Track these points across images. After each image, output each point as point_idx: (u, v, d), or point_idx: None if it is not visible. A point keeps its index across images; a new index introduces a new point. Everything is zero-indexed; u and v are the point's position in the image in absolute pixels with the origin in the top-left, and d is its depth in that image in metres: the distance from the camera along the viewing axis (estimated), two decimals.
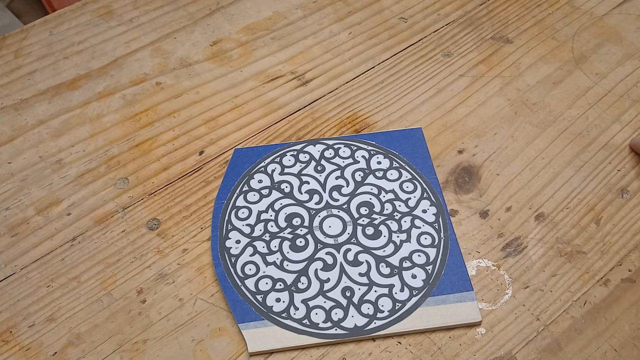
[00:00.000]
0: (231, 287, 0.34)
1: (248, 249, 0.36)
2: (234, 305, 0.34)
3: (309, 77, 0.46)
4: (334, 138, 0.41)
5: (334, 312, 0.34)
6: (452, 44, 0.48)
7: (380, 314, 0.33)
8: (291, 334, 0.33)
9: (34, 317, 0.34)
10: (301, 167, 0.40)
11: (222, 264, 0.35)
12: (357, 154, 0.40)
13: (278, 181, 0.39)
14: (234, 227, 0.37)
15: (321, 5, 0.51)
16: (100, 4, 0.51)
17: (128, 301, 0.34)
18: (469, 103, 0.44)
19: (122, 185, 0.40)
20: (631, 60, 0.46)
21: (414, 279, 0.34)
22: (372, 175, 0.39)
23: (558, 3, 0.50)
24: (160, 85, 0.45)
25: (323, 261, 0.35)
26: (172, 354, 0.33)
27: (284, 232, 0.37)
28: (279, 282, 0.35)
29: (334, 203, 0.38)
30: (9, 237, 0.37)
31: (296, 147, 0.41)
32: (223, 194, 0.38)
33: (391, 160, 0.40)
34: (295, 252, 0.36)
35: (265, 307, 0.34)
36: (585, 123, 0.42)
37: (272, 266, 0.35)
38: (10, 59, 0.47)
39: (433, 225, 0.37)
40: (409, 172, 0.39)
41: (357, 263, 0.35)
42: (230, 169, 0.40)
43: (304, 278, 0.35)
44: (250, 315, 0.33)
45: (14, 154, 0.41)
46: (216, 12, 0.51)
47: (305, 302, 0.34)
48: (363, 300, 0.34)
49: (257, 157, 0.40)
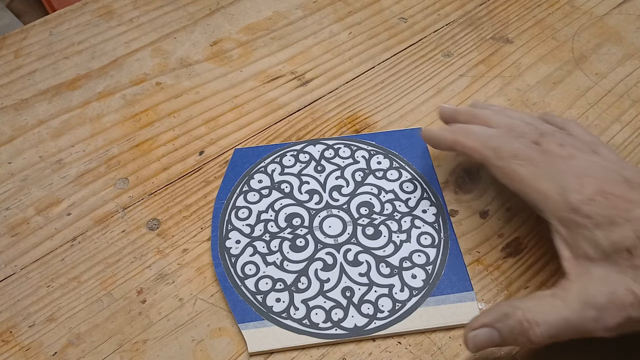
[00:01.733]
0: (231, 287, 0.34)
1: (248, 249, 0.36)
2: (234, 305, 0.34)
3: (309, 77, 0.46)
4: (334, 138, 0.41)
5: (334, 312, 0.33)
6: (452, 44, 0.48)
7: (380, 314, 0.33)
8: (291, 334, 0.33)
9: (34, 317, 0.34)
10: (301, 167, 0.40)
11: (222, 264, 0.35)
12: (357, 154, 0.40)
13: (278, 181, 0.39)
14: (234, 227, 0.37)
15: (321, 5, 0.51)
16: (100, 4, 0.51)
17: (128, 301, 0.35)
18: (469, 103, 0.44)
19: (122, 185, 0.40)
20: (631, 60, 0.46)
21: (414, 279, 0.34)
22: (372, 175, 0.39)
23: (558, 3, 0.50)
24: (160, 85, 0.45)
25: (323, 261, 0.35)
26: (172, 354, 0.33)
27: (284, 232, 0.37)
28: (279, 282, 0.35)
29: (334, 203, 0.38)
30: (9, 237, 0.37)
31: (296, 147, 0.41)
32: (223, 194, 0.38)
33: (391, 160, 0.40)
34: (295, 252, 0.36)
35: (266, 307, 0.34)
36: (585, 123, 0.42)
37: (272, 266, 0.35)
38: (10, 59, 0.47)
39: (433, 226, 0.37)
40: (409, 172, 0.39)
41: (357, 263, 0.35)
42: (230, 169, 0.40)
43: (304, 278, 0.35)
44: (250, 315, 0.33)
45: (14, 154, 0.41)
46: (216, 12, 0.51)
47: (305, 302, 0.34)
48: (363, 300, 0.34)
49: (257, 157, 0.40)
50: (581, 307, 0.28)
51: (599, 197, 0.29)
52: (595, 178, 0.30)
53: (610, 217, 0.29)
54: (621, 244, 0.28)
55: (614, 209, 0.29)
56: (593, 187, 0.30)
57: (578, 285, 0.29)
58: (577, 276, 0.30)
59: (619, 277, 0.28)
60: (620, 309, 0.28)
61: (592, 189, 0.30)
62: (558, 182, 0.30)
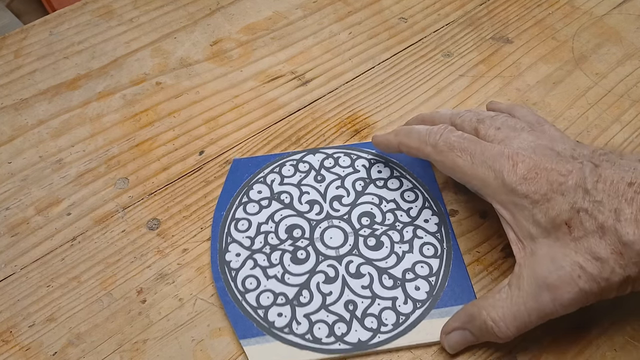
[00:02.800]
0: (232, 302, 0.33)
1: (248, 262, 0.35)
2: (235, 320, 0.33)
3: (309, 77, 0.46)
4: (333, 147, 0.41)
5: (337, 326, 0.33)
6: (452, 44, 0.48)
7: (384, 328, 0.33)
8: (294, 350, 0.32)
9: (34, 317, 0.34)
10: (301, 177, 0.39)
11: (222, 278, 0.34)
12: (357, 163, 0.40)
13: (278, 192, 0.38)
14: (233, 240, 0.36)
15: (321, 5, 0.51)
16: (100, 4, 0.51)
17: (128, 301, 0.35)
18: (469, 103, 0.44)
19: (122, 185, 0.40)
20: (631, 60, 0.46)
21: (417, 291, 0.34)
22: (372, 185, 0.38)
23: (558, 3, 0.50)
24: (160, 85, 0.45)
25: (325, 274, 0.35)
26: (172, 354, 0.33)
27: (285, 244, 0.36)
28: (280, 296, 0.34)
29: (334, 214, 0.37)
30: (9, 237, 0.37)
31: (295, 157, 0.40)
32: (222, 205, 0.38)
33: (392, 169, 0.39)
34: (297, 265, 0.35)
35: (267, 322, 0.33)
36: (585, 123, 0.42)
37: (273, 280, 0.34)
38: (10, 59, 0.47)
39: (435, 235, 0.36)
40: (409, 181, 0.39)
41: (359, 275, 0.35)
42: (229, 180, 0.39)
43: (306, 291, 0.34)
44: (252, 331, 0.33)
45: (14, 154, 0.41)
46: (216, 12, 0.51)
47: (308, 316, 0.33)
48: (366, 313, 0.33)
49: (256, 167, 0.39)
50: (535, 292, 0.29)
51: (532, 174, 0.29)
52: (528, 156, 0.30)
53: (545, 193, 0.29)
54: (559, 218, 0.28)
55: (548, 184, 0.29)
56: (525, 165, 0.30)
57: (528, 269, 0.29)
58: (524, 259, 0.30)
59: (563, 252, 0.28)
60: (571, 284, 0.28)
61: (524, 167, 0.30)
62: (493, 166, 0.30)
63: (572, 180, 0.28)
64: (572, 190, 0.28)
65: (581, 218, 0.28)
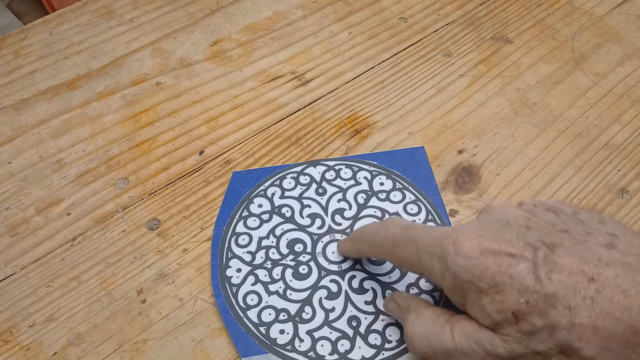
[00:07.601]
0: (233, 319, 0.33)
1: (249, 278, 0.35)
2: (236, 338, 0.32)
3: (309, 77, 0.46)
4: (334, 159, 0.40)
5: (340, 343, 0.32)
6: (452, 44, 0.48)
7: (388, 344, 0.32)
8: None
9: (34, 317, 0.34)
10: (302, 190, 0.38)
11: (222, 294, 0.34)
12: (358, 175, 0.39)
13: (278, 205, 0.38)
14: (234, 255, 0.35)
15: (321, 5, 0.51)
16: (100, 4, 0.51)
17: (128, 301, 0.34)
18: (469, 103, 0.44)
19: (122, 185, 0.40)
20: (631, 60, 0.46)
21: None
22: (375, 197, 0.38)
23: (558, 3, 0.50)
24: (160, 85, 0.45)
25: (327, 289, 0.34)
26: (172, 354, 0.33)
27: (286, 259, 0.35)
28: (282, 312, 0.33)
29: (336, 227, 0.37)
30: (9, 237, 0.37)
31: (296, 169, 0.39)
32: (222, 219, 0.37)
33: (394, 181, 0.39)
34: (299, 280, 0.34)
35: (269, 339, 0.32)
36: (585, 123, 0.42)
37: (275, 295, 0.34)
38: (10, 59, 0.47)
39: None
40: (412, 194, 0.38)
41: (362, 290, 0.34)
42: (229, 193, 0.38)
43: (309, 308, 0.33)
44: (254, 348, 0.32)
45: (14, 154, 0.41)
46: (216, 12, 0.51)
47: (310, 333, 0.33)
48: (370, 330, 0.33)
49: (256, 180, 0.39)
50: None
51: (477, 256, 0.25)
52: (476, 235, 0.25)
53: (492, 278, 0.24)
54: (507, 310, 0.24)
55: (496, 266, 0.24)
56: (470, 245, 0.25)
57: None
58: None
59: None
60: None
61: (468, 247, 0.25)
62: (435, 252, 0.26)
63: (523, 264, 0.24)
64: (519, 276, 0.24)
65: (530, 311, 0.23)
